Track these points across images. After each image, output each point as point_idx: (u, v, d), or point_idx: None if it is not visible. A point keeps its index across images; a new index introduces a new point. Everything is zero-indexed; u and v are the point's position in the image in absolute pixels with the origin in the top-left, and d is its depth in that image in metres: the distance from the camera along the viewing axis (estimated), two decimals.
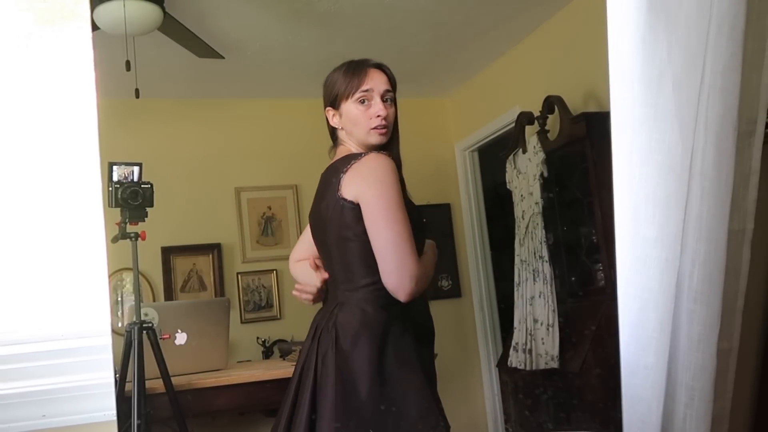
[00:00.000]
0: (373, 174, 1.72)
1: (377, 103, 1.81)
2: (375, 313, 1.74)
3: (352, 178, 1.74)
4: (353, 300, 1.76)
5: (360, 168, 1.74)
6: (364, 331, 1.72)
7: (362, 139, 1.84)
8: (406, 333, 1.76)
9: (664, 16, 1.61)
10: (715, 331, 1.60)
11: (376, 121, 1.81)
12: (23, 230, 1.49)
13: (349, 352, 1.69)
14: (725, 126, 1.55)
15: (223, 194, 4.60)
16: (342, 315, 1.75)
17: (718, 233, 1.57)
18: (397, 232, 1.67)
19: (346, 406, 1.65)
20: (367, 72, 1.84)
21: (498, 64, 4.51)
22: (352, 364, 1.68)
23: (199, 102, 4.64)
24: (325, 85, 1.90)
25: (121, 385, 2.55)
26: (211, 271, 4.51)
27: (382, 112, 1.81)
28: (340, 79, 1.85)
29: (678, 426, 1.64)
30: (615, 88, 1.69)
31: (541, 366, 3.43)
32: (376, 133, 1.81)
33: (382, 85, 1.84)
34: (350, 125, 1.84)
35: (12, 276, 1.49)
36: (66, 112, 1.49)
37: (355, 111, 1.82)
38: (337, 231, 1.77)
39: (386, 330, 1.73)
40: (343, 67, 1.88)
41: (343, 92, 1.83)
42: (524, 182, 3.72)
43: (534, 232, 3.61)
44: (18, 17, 1.44)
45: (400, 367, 1.72)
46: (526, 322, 3.57)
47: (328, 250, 1.84)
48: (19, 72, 1.46)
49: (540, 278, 3.53)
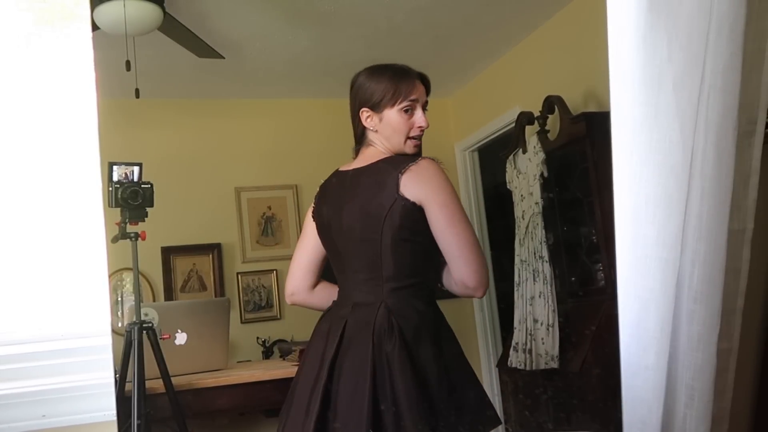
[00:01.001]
0: (436, 178, 1.78)
1: (420, 115, 1.85)
2: (426, 310, 1.81)
3: (414, 180, 1.77)
4: (403, 297, 1.80)
5: (421, 171, 1.78)
6: (424, 327, 1.78)
7: (398, 146, 1.86)
8: (449, 329, 1.86)
9: (664, 16, 1.61)
10: (715, 331, 1.60)
11: (416, 131, 1.86)
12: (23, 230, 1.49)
13: (414, 347, 1.74)
14: (725, 126, 1.55)
15: (223, 194, 4.61)
16: (398, 312, 1.77)
17: (718, 233, 1.57)
18: (472, 233, 1.77)
19: (424, 398, 1.70)
20: (415, 82, 1.86)
21: (498, 65, 4.51)
22: (419, 358, 1.73)
23: (199, 102, 4.64)
24: (362, 87, 1.88)
25: (121, 385, 2.55)
26: (211, 271, 4.52)
27: (424, 124, 1.86)
28: (387, 84, 1.85)
29: (678, 426, 1.64)
30: (615, 88, 1.69)
31: (541, 366, 3.43)
32: (412, 143, 1.87)
33: (424, 97, 1.88)
34: (389, 131, 1.86)
35: (12, 276, 1.49)
36: (66, 112, 1.49)
37: (398, 119, 1.84)
38: (394, 229, 1.78)
39: (437, 325, 1.82)
40: (388, 72, 1.87)
41: (390, 98, 1.84)
42: (524, 182, 3.72)
43: (534, 232, 3.61)
44: (18, 17, 1.44)
45: (454, 359, 1.81)
46: (526, 322, 3.57)
47: (367, 246, 1.83)
48: (19, 72, 1.46)
49: (540, 278, 3.53)
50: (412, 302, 1.80)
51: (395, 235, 1.77)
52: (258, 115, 4.74)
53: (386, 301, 1.79)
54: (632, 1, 1.65)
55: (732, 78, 1.54)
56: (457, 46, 4.19)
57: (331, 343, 1.79)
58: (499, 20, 3.88)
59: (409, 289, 1.80)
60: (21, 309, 1.51)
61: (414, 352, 1.73)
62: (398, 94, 1.83)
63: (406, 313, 1.78)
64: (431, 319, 1.82)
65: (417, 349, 1.74)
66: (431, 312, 1.82)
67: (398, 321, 1.76)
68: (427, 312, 1.81)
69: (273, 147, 4.68)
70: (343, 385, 1.74)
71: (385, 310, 1.77)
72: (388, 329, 1.75)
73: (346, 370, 1.75)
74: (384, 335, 1.74)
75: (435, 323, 1.82)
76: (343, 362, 1.76)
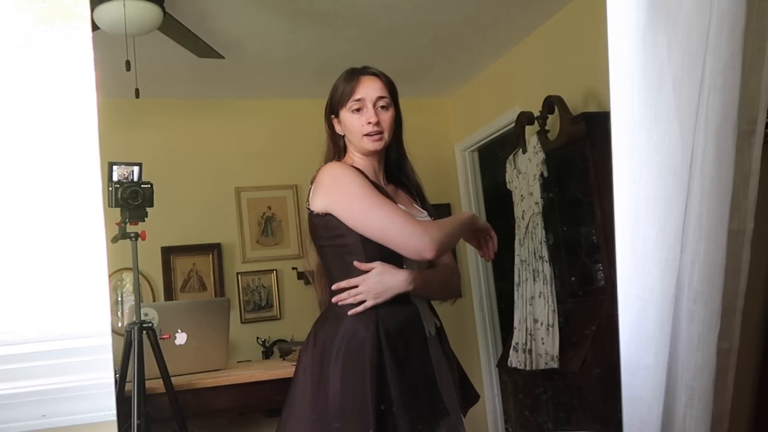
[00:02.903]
0: (331, 183, 1.84)
1: (369, 111, 1.87)
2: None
3: (316, 191, 1.86)
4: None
5: (319, 180, 1.86)
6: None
7: (358, 145, 1.90)
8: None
9: (664, 16, 1.61)
10: (715, 330, 1.60)
11: (368, 128, 1.86)
12: (23, 230, 1.49)
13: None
14: (725, 126, 1.55)
15: (223, 194, 4.60)
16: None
17: (718, 233, 1.57)
18: (385, 213, 1.77)
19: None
20: (359, 80, 1.89)
21: (498, 64, 4.51)
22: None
23: (199, 102, 4.64)
24: (330, 93, 1.97)
25: (121, 385, 2.55)
26: (211, 271, 4.51)
27: (372, 119, 1.86)
28: (338, 87, 1.92)
29: (678, 426, 1.64)
30: (615, 88, 1.69)
31: (541, 366, 3.43)
32: (369, 140, 1.87)
33: (375, 92, 1.88)
34: (348, 133, 1.91)
35: (12, 276, 1.49)
36: (66, 112, 1.49)
37: (349, 119, 1.89)
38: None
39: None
40: (342, 76, 1.94)
41: (338, 101, 1.91)
42: (524, 182, 3.72)
43: (534, 232, 3.61)
44: (18, 17, 1.44)
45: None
46: (526, 322, 3.57)
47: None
48: (19, 72, 1.46)
49: (540, 278, 3.53)
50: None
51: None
52: (258, 115, 4.73)
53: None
54: (632, 2, 1.65)
55: (732, 78, 1.53)
56: (457, 46, 4.19)
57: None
58: (499, 20, 3.88)
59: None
60: (21, 309, 1.51)
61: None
62: (344, 95, 1.89)
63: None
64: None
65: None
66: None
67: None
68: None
69: (273, 147, 4.68)
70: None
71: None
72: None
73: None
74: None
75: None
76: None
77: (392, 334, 1.78)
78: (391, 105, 1.90)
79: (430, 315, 1.93)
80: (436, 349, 1.90)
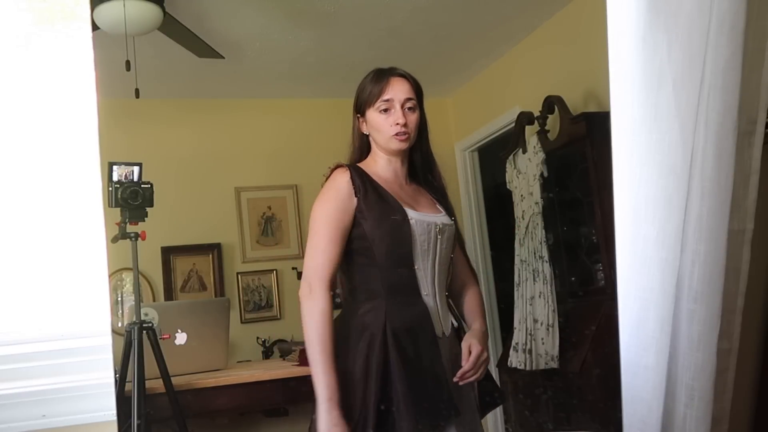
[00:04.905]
0: (319, 196, 1.89)
1: (397, 112, 1.89)
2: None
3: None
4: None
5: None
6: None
7: (385, 145, 1.93)
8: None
9: (664, 15, 1.61)
10: (715, 331, 1.60)
11: (395, 128, 1.89)
12: (23, 230, 1.49)
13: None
14: (725, 126, 1.55)
15: (223, 194, 4.60)
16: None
17: (718, 233, 1.57)
18: (315, 247, 1.84)
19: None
20: (389, 81, 1.92)
21: (498, 64, 4.51)
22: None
23: (199, 102, 4.64)
24: (356, 93, 1.99)
25: (121, 385, 2.55)
26: (211, 271, 4.51)
27: (401, 120, 1.89)
28: (365, 87, 1.94)
29: (678, 426, 1.64)
30: (615, 88, 1.69)
31: (541, 366, 3.43)
32: (396, 139, 1.90)
33: (403, 94, 1.91)
34: (374, 132, 1.94)
35: (12, 276, 1.49)
36: (66, 112, 1.49)
37: (377, 119, 1.91)
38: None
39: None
40: (368, 76, 1.96)
41: (366, 101, 1.93)
42: (524, 182, 3.72)
43: (534, 232, 3.61)
44: (18, 17, 1.44)
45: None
46: (526, 322, 3.57)
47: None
48: (19, 72, 1.46)
49: (540, 278, 3.53)
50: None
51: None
52: (258, 115, 4.73)
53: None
54: (632, 1, 1.65)
55: (732, 78, 1.54)
56: (457, 46, 4.19)
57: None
58: (499, 20, 3.88)
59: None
60: (21, 309, 1.51)
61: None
62: (372, 95, 1.91)
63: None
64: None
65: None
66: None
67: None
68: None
69: (273, 147, 4.68)
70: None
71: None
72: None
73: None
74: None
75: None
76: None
77: (400, 333, 1.79)
78: (417, 107, 1.94)
79: (446, 314, 1.93)
80: (450, 349, 1.90)
